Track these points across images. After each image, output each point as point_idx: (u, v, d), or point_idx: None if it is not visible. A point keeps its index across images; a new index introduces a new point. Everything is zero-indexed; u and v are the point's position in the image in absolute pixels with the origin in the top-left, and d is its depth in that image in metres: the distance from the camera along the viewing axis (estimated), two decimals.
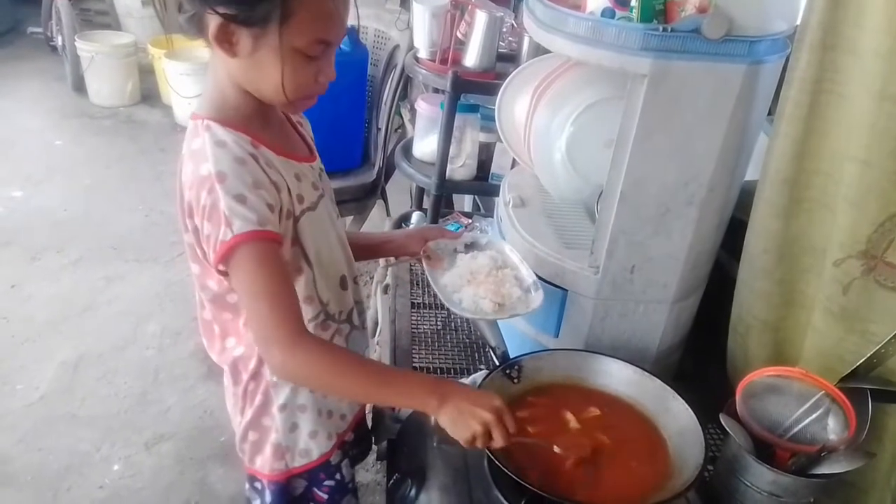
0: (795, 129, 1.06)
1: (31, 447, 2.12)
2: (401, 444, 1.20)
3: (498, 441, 0.88)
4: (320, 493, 1.12)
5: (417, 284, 1.78)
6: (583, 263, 1.21)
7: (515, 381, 1.08)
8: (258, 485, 1.11)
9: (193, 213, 0.88)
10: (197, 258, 0.95)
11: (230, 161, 0.86)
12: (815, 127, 1.05)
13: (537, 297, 1.13)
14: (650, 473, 0.98)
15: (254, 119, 0.94)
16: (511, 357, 1.14)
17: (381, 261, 2.49)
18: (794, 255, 1.13)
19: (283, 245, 0.91)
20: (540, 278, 1.25)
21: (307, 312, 1.00)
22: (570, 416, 1.06)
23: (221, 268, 0.88)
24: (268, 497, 1.10)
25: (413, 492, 1.01)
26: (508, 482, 0.95)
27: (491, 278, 1.15)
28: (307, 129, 1.10)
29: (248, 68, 0.89)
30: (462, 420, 0.88)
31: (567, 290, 1.24)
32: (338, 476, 1.13)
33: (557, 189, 1.43)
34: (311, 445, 1.07)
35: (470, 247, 1.26)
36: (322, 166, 1.09)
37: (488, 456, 0.95)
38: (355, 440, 1.19)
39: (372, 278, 2.46)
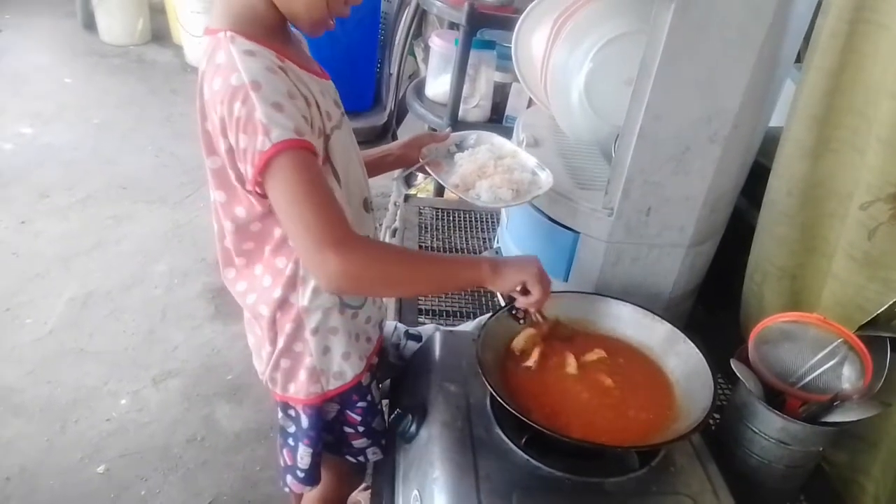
0: (830, 61, 1.00)
1: (40, 380, 2.14)
2: (403, 381, 1.19)
3: (535, 294, 0.97)
4: (353, 415, 1.13)
5: (426, 228, 1.76)
6: (596, 205, 1.17)
7: (521, 321, 1.06)
8: (292, 412, 1.11)
9: (227, 129, 0.84)
10: (225, 184, 0.92)
11: (262, 69, 0.82)
12: (851, 60, 0.99)
13: (548, 177, 1.17)
14: (655, 416, 0.96)
15: (277, 33, 0.90)
16: None
17: (390, 205, 2.47)
18: (818, 198, 1.08)
19: (320, 158, 0.87)
20: (551, 219, 1.22)
21: None
22: (571, 359, 1.03)
23: (259, 179, 0.84)
24: (304, 422, 1.10)
25: (413, 427, 0.99)
26: (511, 420, 0.93)
27: (500, 168, 1.18)
28: (306, 49, 1.06)
29: None
30: (512, 274, 0.96)
31: (579, 234, 1.20)
32: (369, 397, 1.14)
33: (573, 129, 1.37)
34: (345, 367, 1.07)
35: (460, 145, 1.28)
36: (335, 87, 1.05)
37: (491, 394, 0.93)
38: (378, 364, 1.19)
39: (381, 224, 2.44)
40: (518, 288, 0.98)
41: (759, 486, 1.02)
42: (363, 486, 1.54)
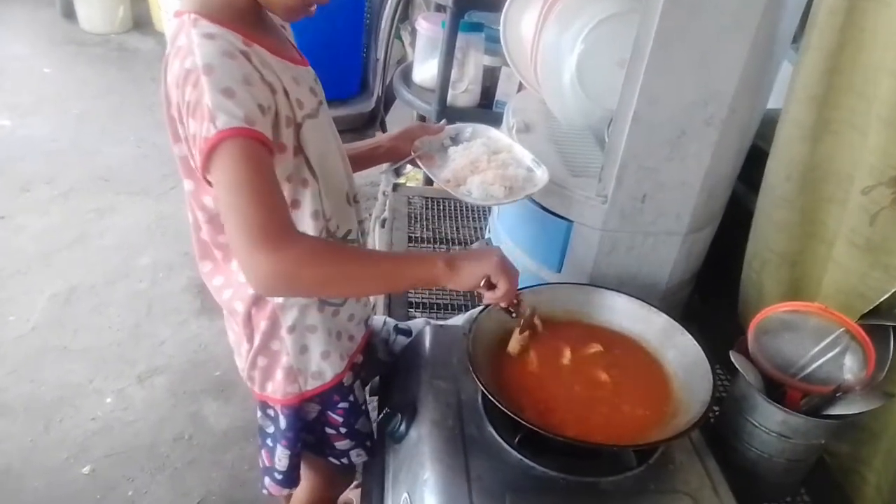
0: (829, 40, 0.96)
1: (24, 378, 2.09)
2: (393, 378, 1.15)
3: (501, 287, 0.90)
4: (335, 416, 1.10)
5: (415, 218, 1.72)
6: (590, 192, 1.13)
7: (513, 315, 1.02)
8: (271, 411, 1.08)
9: (183, 115, 0.81)
10: (191, 172, 0.88)
11: (218, 53, 0.78)
12: (851, 37, 0.95)
13: (543, 174, 1.12)
14: (653, 411, 0.92)
15: (246, 17, 0.86)
16: None
17: (380, 194, 2.42)
18: (818, 182, 1.05)
19: (273, 150, 0.82)
20: (543, 208, 1.19)
21: (312, 231, 0.95)
22: (567, 351, 1.00)
23: (206, 167, 0.80)
24: (282, 422, 1.07)
25: (403, 426, 0.96)
26: (503, 418, 0.90)
27: (493, 164, 1.14)
28: (290, 35, 1.02)
29: None
30: (470, 269, 0.89)
31: (572, 222, 1.16)
32: (351, 398, 1.10)
33: (565, 113, 1.33)
34: (324, 367, 1.04)
35: (455, 139, 1.23)
36: (315, 74, 1.01)
37: (483, 392, 0.89)
38: (364, 363, 1.15)
39: (370, 215, 2.40)
40: (482, 283, 0.91)
41: (759, 480, 0.99)
42: (355, 483, 1.51)
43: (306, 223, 0.95)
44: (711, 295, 1.35)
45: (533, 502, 0.84)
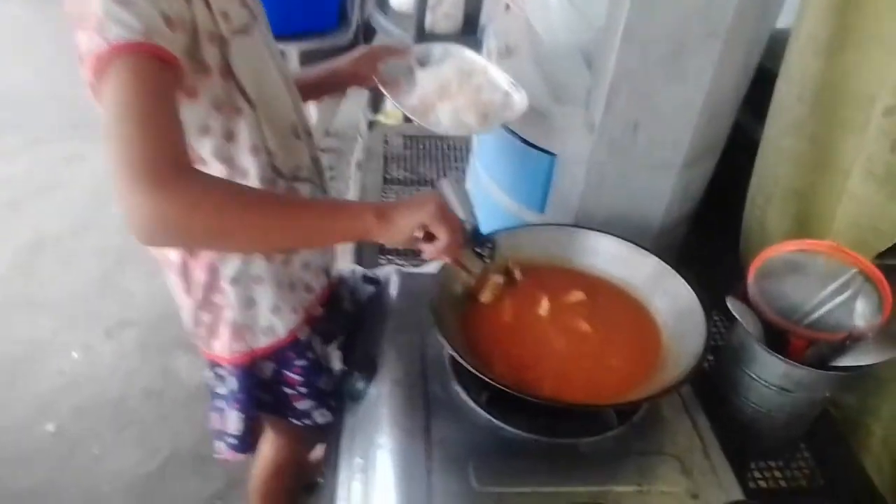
0: None
1: None
2: (357, 331, 1.05)
3: (442, 238, 0.78)
4: (292, 375, 1.01)
5: (392, 158, 1.61)
6: (575, 121, 1.01)
7: (488, 260, 0.91)
8: (220, 371, 0.99)
9: (74, 29, 0.68)
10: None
11: None
12: None
13: (521, 99, 1.03)
14: (639, 364, 0.83)
15: None
16: (483, 233, 0.95)
17: (358, 136, 2.28)
18: (833, 103, 0.92)
19: (179, 68, 0.70)
20: (524, 141, 1.06)
21: (253, 168, 0.83)
22: (544, 300, 0.89)
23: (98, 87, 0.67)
24: (232, 383, 0.97)
25: (361, 385, 0.86)
26: (471, 376, 0.79)
27: (466, 88, 1.04)
28: None
29: None
30: (404, 219, 0.76)
31: (555, 156, 1.04)
32: (310, 354, 1.00)
33: (551, 29, 1.19)
34: (275, 321, 0.94)
35: (424, 61, 1.11)
36: None
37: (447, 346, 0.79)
38: (326, 315, 1.05)
39: (349, 163, 2.27)
40: (420, 234, 0.78)
41: (755, 436, 0.91)
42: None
43: (246, 159, 0.83)
44: (711, 234, 1.24)
45: (501, 466, 0.75)
